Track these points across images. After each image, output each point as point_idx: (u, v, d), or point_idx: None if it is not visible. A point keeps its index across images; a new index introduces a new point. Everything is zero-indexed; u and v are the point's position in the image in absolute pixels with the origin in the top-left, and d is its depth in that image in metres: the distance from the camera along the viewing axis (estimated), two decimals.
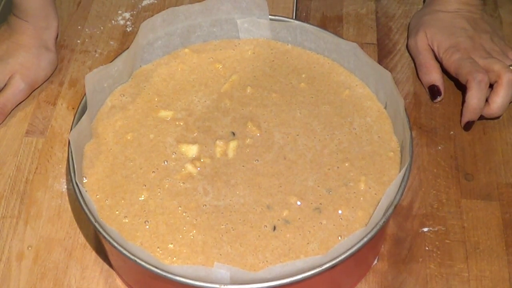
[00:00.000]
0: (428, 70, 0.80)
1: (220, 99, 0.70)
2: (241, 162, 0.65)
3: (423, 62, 0.81)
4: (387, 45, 0.86)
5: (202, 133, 0.67)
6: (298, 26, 0.72)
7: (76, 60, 0.85)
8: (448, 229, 0.69)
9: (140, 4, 0.92)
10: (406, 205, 0.71)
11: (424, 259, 0.67)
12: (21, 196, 0.72)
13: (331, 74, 0.72)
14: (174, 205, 0.62)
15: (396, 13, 0.90)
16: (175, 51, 0.74)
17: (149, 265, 0.55)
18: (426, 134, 0.77)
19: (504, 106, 0.75)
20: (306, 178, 0.64)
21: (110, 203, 0.63)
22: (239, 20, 0.73)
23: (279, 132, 0.67)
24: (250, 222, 0.61)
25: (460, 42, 0.78)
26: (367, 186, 0.63)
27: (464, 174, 0.73)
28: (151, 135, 0.67)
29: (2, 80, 0.78)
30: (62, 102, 0.81)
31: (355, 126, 0.67)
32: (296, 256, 0.59)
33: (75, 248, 0.69)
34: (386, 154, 0.65)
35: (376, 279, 0.66)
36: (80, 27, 0.89)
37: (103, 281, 0.66)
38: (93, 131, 0.67)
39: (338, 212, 0.61)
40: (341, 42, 0.70)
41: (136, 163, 0.65)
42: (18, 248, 0.68)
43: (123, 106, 0.69)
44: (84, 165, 0.65)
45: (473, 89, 0.74)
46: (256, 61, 0.73)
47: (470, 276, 0.66)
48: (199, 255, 0.59)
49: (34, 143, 0.77)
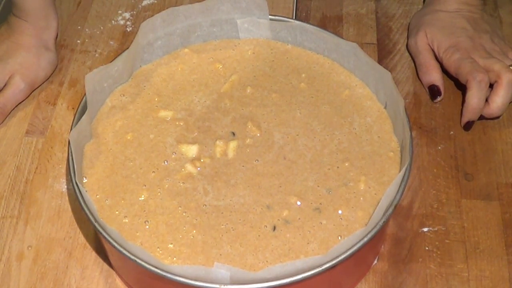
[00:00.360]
0: (428, 70, 0.80)
1: (220, 99, 0.70)
2: (241, 162, 0.65)
3: (423, 62, 0.81)
4: (387, 45, 0.86)
5: (202, 133, 0.67)
6: (298, 26, 0.72)
7: (76, 60, 0.85)
8: (448, 229, 0.69)
9: (140, 4, 0.92)
10: (406, 205, 0.71)
11: (424, 259, 0.67)
12: (21, 196, 0.72)
13: (331, 74, 0.72)
14: (174, 205, 0.62)
15: (396, 13, 0.90)
16: (175, 51, 0.74)
17: (149, 265, 0.55)
18: (426, 134, 0.77)
19: (504, 106, 0.75)
20: (306, 178, 0.64)
21: (110, 203, 0.63)
22: (239, 20, 0.73)
23: (279, 132, 0.67)
24: (250, 222, 0.61)
25: (460, 42, 0.78)
26: (367, 186, 0.63)
27: (464, 174, 0.73)
28: (151, 135, 0.67)
29: (2, 80, 0.78)
30: (62, 102, 0.81)
31: (355, 126, 0.67)
32: (296, 256, 0.59)
33: (75, 248, 0.69)
34: (386, 154, 0.65)
35: (376, 279, 0.66)
36: (80, 27, 0.89)
37: (103, 281, 0.66)
38: (93, 131, 0.67)
39: (338, 212, 0.61)
40: (341, 42, 0.70)
41: (136, 163, 0.65)
42: (18, 248, 0.68)
43: (123, 106, 0.69)
44: (84, 165, 0.65)
45: (473, 89, 0.74)
46: (256, 61, 0.73)
47: (470, 276, 0.66)
48: (199, 255, 0.59)
49: (34, 143, 0.77)
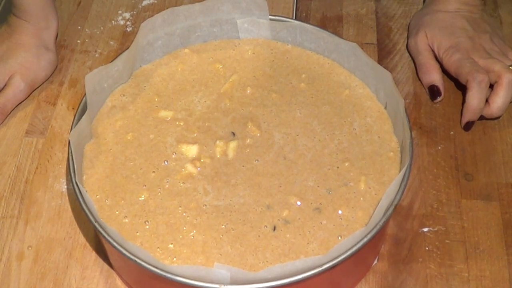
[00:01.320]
0: (428, 70, 0.80)
1: (220, 99, 0.70)
2: (241, 162, 0.65)
3: (423, 62, 0.81)
4: (387, 45, 0.86)
5: (202, 133, 0.67)
6: (298, 26, 0.72)
7: (76, 60, 0.85)
8: (448, 229, 0.69)
9: (140, 4, 0.92)
10: (406, 205, 0.71)
11: (424, 259, 0.67)
12: (21, 196, 0.72)
13: (331, 74, 0.72)
14: (174, 205, 0.62)
15: (396, 13, 0.90)
16: (175, 51, 0.74)
17: (149, 265, 0.55)
18: (426, 134, 0.77)
19: (504, 106, 0.75)
20: (306, 178, 0.64)
21: (110, 203, 0.63)
22: (239, 20, 0.73)
23: (279, 132, 0.67)
24: (250, 222, 0.61)
25: (460, 42, 0.78)
26: (367, 186, 0.63)
27: (464, 174, 0.73)
28: (151, 135, 0.67)
29: (2, 80, 0.78)
30: (62, 102, 0.81)
31: (355, 126, 0.67)
32: (296, 256, 0.59)
33: (75, 248, 0.69)
34: (386, 154, 0.65)
35: (376, 279, 0.66)
36: (80, 27, 0.89)
37: (103, 281, 0.66)
38: (93, 131, 0.67)
39: (338, 212, 0.61)
40: (341, 42, 0.70)
41: (136, 163, 0.65)
42: (18, 248, 0.68)
43: (123, 106, 0.69)
44: (84, 165, 0.65)
45: (473, 89, 0.74)
46: (256, 61, 0.73)
47: (470, 276, 0.66)
48: (199, 255, 0.59)
49: (34, 143, 0.77)
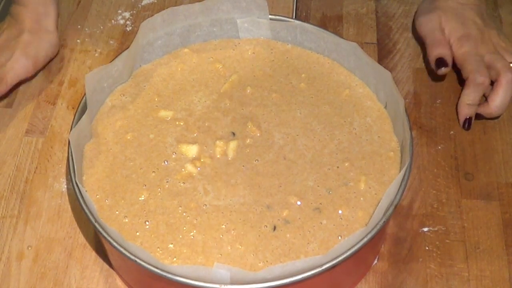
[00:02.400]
0: (441, 44, 0.79)
1: (220, 99, 0.70)
2: (241, 162, 0.65)
3: (437, 38, 0.79)
4: (387, 45, 0.86)
5: (202, 133, 0.67)
6: (298, 26, 0.72)
7: (76, 60, 0.85)
8: (448, 229, 0.69)
9: (140, 3, 0.92)
10: (406, 205, 0.71)
11: (424, 259, 0.67)
12: (21, 196, 0.72)
13: (331, 74, 0.72)
14: (174, 205, 0.62)
15: (396, 12, 0.90)
16: (175, 51, 0.74)
17: (149, 265, 0.55)
18: (426, 134, 0.77)
19: (503, 106, 0.75)
20: (306, 178, 0.64)
21: (110, 203, 0.63)
22: (239, 20, 0.73)
23: (279, 132, 0.67)
24: (250, 222, 0.61)
25: (471, 33, 0.78)
26: (367, 186, 0.63)
27: (464, 174, 0.73)
28: (151, 135, 0.67)
29: (4, 60, 0.79)
30: (62, 102, 0.81)
31: (355, 126, 0.67)
32: (296, 256, 0.59)
33: (75, 248, 0.69)
34: (386, 154, 0.65)
35: (376, 279, 0.66)
36: (80, 27, 0.89)
37: (103, 281, 0.66)
38: (93, 131, 0.67)
39: (338, 212, 0.61)
40: (341, 41, 0.70)
41: (136, 163, 0.65)
42: (18, 248, 0.68)
43: (123, 106, 0.69)
44: (84, 165, 0.65)
45: (470, 88, 0.75)
46: (256, 61, 0.73)
47: (470, 276, 0.66)
48: (199, 255, 0.59)
49: (34, 143, 0.77)
